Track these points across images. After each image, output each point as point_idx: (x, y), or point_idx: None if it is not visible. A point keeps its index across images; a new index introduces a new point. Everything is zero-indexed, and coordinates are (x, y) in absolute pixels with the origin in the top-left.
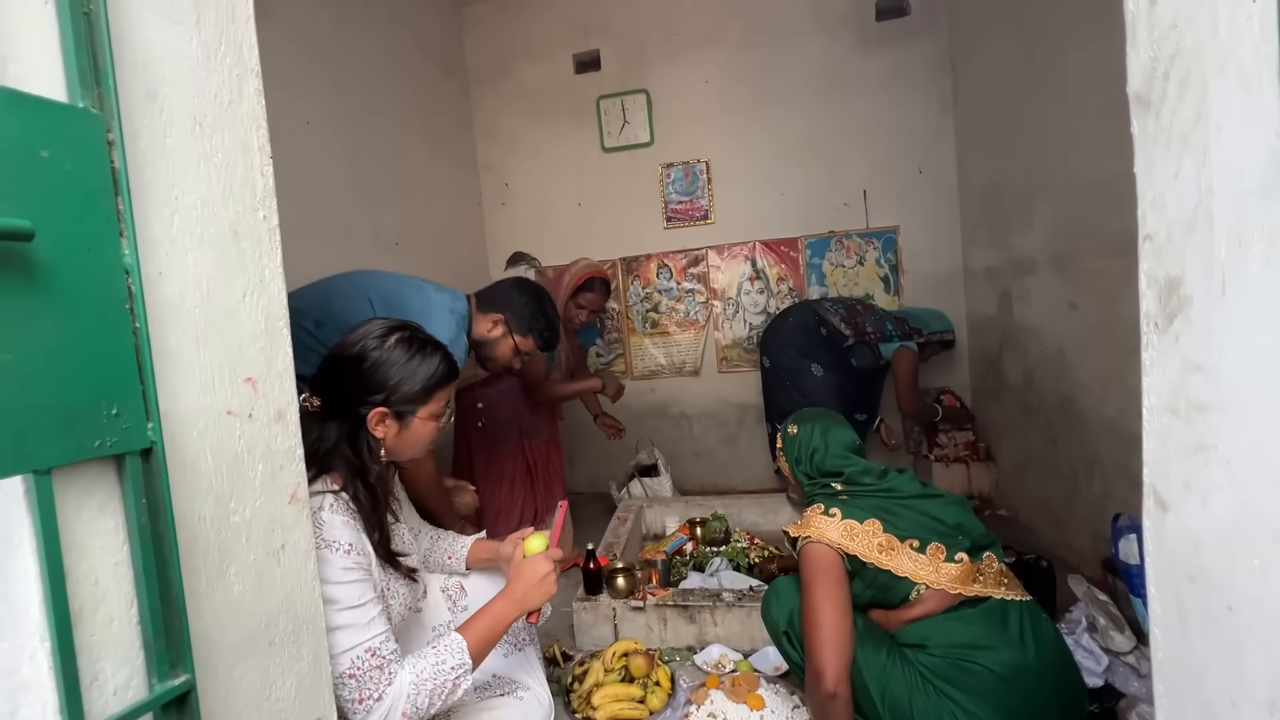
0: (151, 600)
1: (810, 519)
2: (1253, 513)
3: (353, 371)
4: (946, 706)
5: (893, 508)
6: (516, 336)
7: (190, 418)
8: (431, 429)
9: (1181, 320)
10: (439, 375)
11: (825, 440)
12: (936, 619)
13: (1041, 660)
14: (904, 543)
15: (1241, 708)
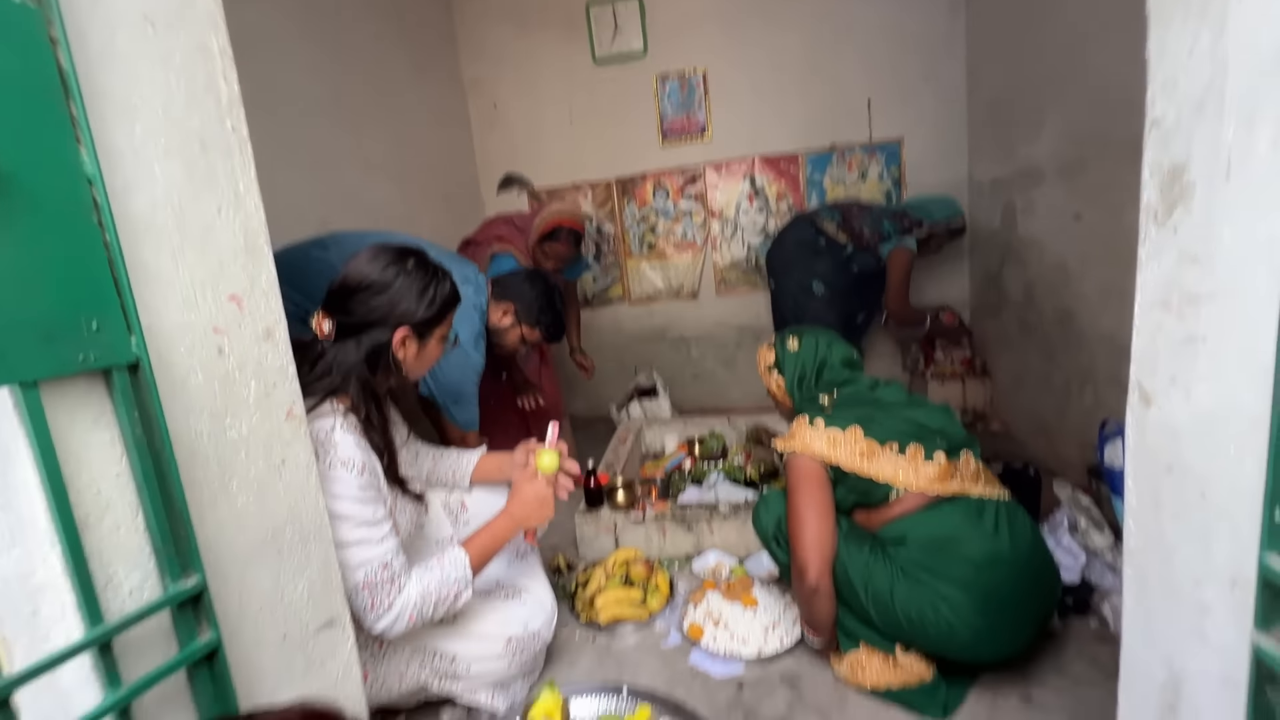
0: (156, 509)
1: (796, 432)
2: (1234, 402)
3: (375, 295)
4: (926, 594)
5: (875, 415)
6: (525, 327)
7: (176, 334)
8: (439, 351)
9: (1182, 210)
10: (451, 297)
11: (830, 353)
12: (915, 515)
13: (1015, 550)
14: (884, 446)
15: (1205, 585)
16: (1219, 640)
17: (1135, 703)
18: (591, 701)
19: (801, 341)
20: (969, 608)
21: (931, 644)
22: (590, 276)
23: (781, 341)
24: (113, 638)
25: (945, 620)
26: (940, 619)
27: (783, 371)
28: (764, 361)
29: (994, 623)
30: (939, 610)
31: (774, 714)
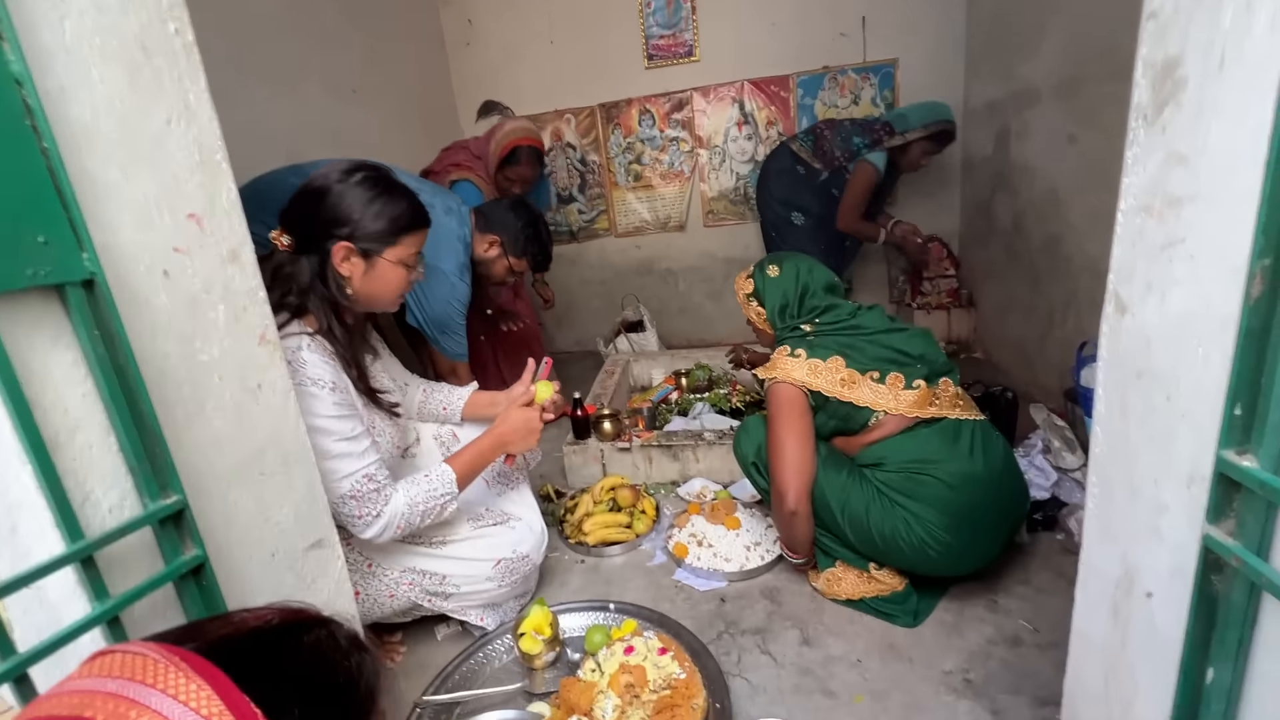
0: (127, 428)
1: (777, 361)
2: (1207, 303)
3: (318, 203)
4: (900, 514)
5: (857, 343)
6: (511, 258)
7: (134, 252)
8: (400, 276)
9: (1173, 108)
10: (406, 217)
11: (811, 279)
12: (893, 439)
13: (989, 470)
14: (865, 375)
15: (1163, 484)
16: (1173, 537)
17: (1091, 598)
18: (580, 616)
19: (782, 268)
20: (940, 526)
21: (905, 561)
22: (575, 209)
23: (760, 269)
24: (94, 552)
25: (918, 538)
26: (913, 536)
27: (763, 301)
28: (743, 290)
29: (964, 540)
30: (912, 529)
31: (754, 624)
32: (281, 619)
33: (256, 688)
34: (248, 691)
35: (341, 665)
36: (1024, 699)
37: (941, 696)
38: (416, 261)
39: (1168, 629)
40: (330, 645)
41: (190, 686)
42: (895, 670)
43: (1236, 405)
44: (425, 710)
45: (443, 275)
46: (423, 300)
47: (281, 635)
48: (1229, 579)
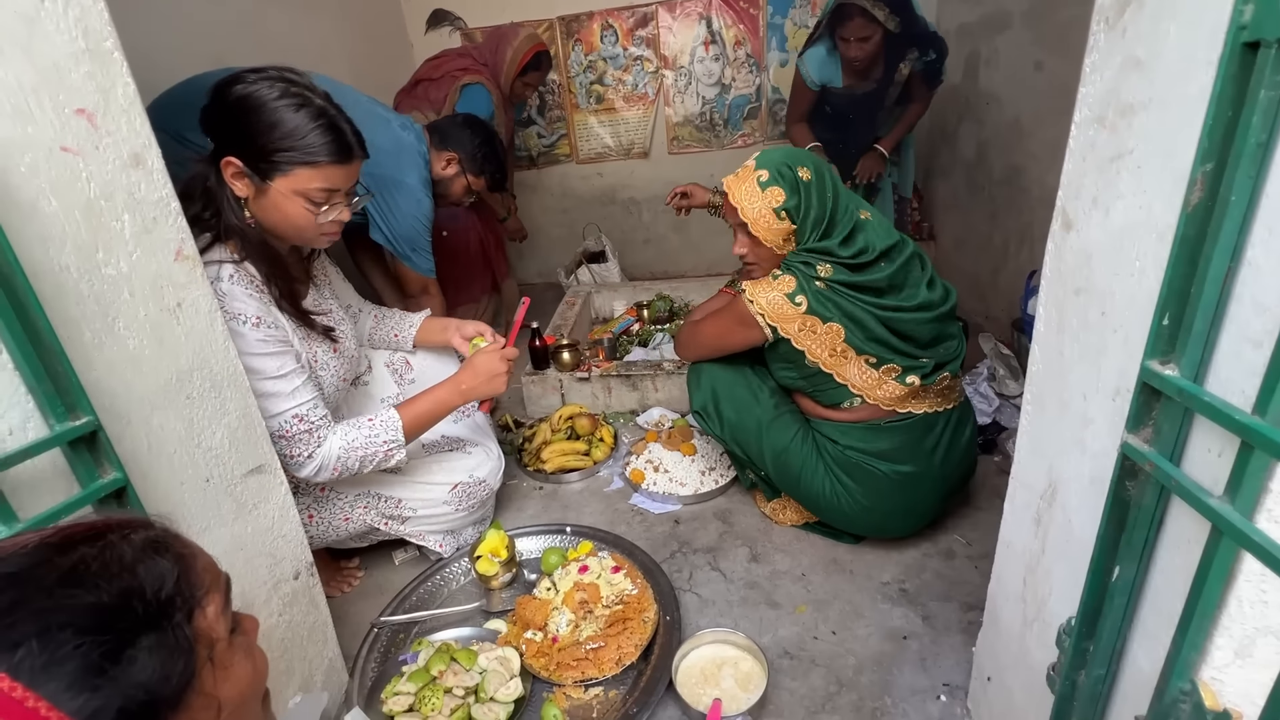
0: (20, 344)
1: (770, 289)
2: (1148, 215)
3: (214, 105)
4: (830, 483)
5: (865, 316)
6: (470, 176)
7: (9, 151)
8: (300, 213)
9: (1135, 7)
10: (309, 144)
11: (839, 188)
12: (858, 426)
13: (944, 468)
14: (860, 356)
15: (1091, 398)
16: (1095, 447)
17: (1017, 509)
18: (537, 540)
19: (812, 169)
20: (870, 508)
21: (819, 513)
22: (535, 133)
23: (786, 171)
24: None
25: (842, 507)
26: (839, 503)
27: (799, 215)
28: (764, 202)
29: (888, 522)
30: (840, 498)
31: (706, 544)
32: (41, 544)
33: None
34: None
35: (105, 582)
36: (953, 605)
37: (878, 605)
38: (328, 199)
39: (1082, 532)
40: (94, 567)
41: None
42: (836, 582)
43: (1165, 315)
44: (383, 630)
45: (408, 189)
46: (388, 216)
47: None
48: (1141, 484)
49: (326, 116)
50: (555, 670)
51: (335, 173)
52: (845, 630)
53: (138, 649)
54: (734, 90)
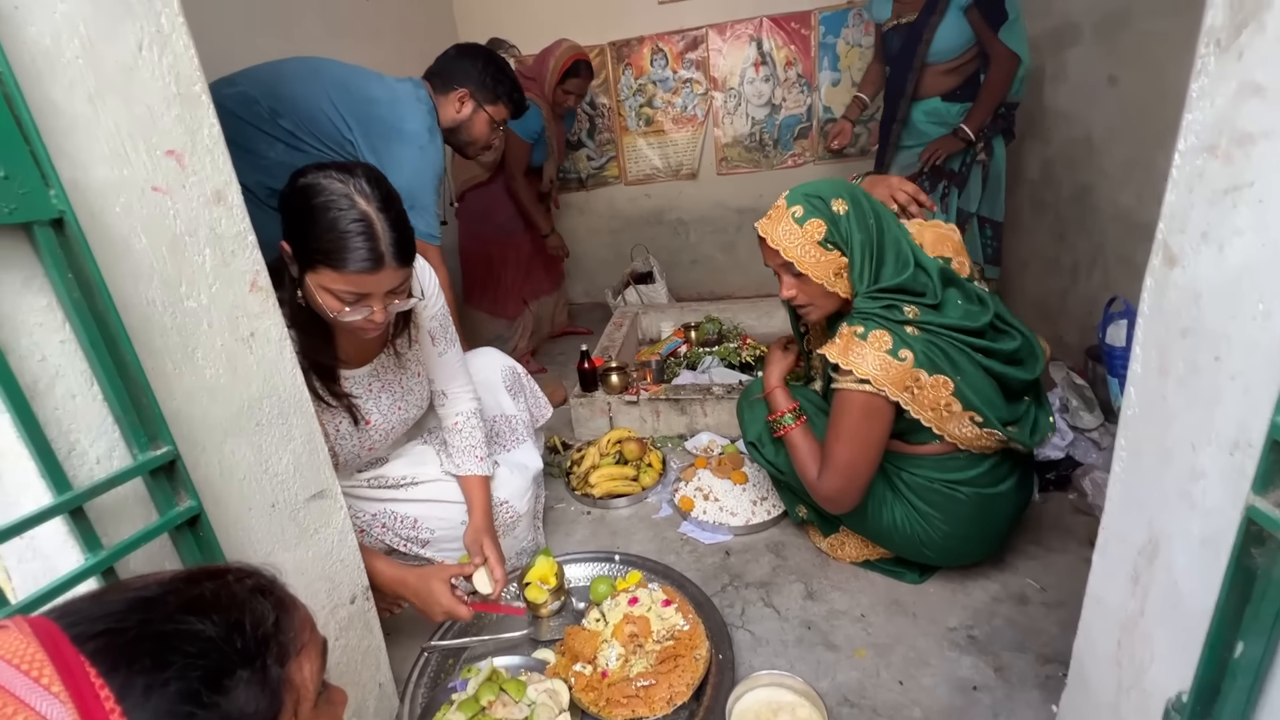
0: (110, 377)
1: (868, 353)
2: (1274, 253)
3: (286, 187)
4: (903, 510)
5: (966, 365)
6: (488, 107)
7: (107, 191)
8: (329, 306)
9: (1253, 29)
10: (336, 249)
11: (886, 218)
12: (938, 458)
13: (1015, 491)
14: (966, 412)
15: (1201, 449)
16: (1207, 504)
17: (1110, 563)
18: (585, 567)
19: (848, 201)
20: (951, 536)
21: (892, 547)
22: (584, 155)
23: (821, 202)
24: (83, 504)
25: (916, 534)
26: (913, 532)
27: (847, 247)
28: (805, 237)
29: (963, 546)
30: (913, 525)
31: (758, 578)
32: (173, 578)
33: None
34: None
35: (215, 616)
36: (1028, 656)
37: (945, 652)
38: (357, 301)
39: (1193, 597)
40: (210, 599)
41: (23, 647)
42: (899, 625)
43: None
44: (432, 655)
45: (408, 136)
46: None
47: (155, 597)
48: (1271, 553)
49: (366, 223)
50: (605, 707)
51: (364, 280)
52: (910, 678)
53: (234, 680)
54: (784, 110)
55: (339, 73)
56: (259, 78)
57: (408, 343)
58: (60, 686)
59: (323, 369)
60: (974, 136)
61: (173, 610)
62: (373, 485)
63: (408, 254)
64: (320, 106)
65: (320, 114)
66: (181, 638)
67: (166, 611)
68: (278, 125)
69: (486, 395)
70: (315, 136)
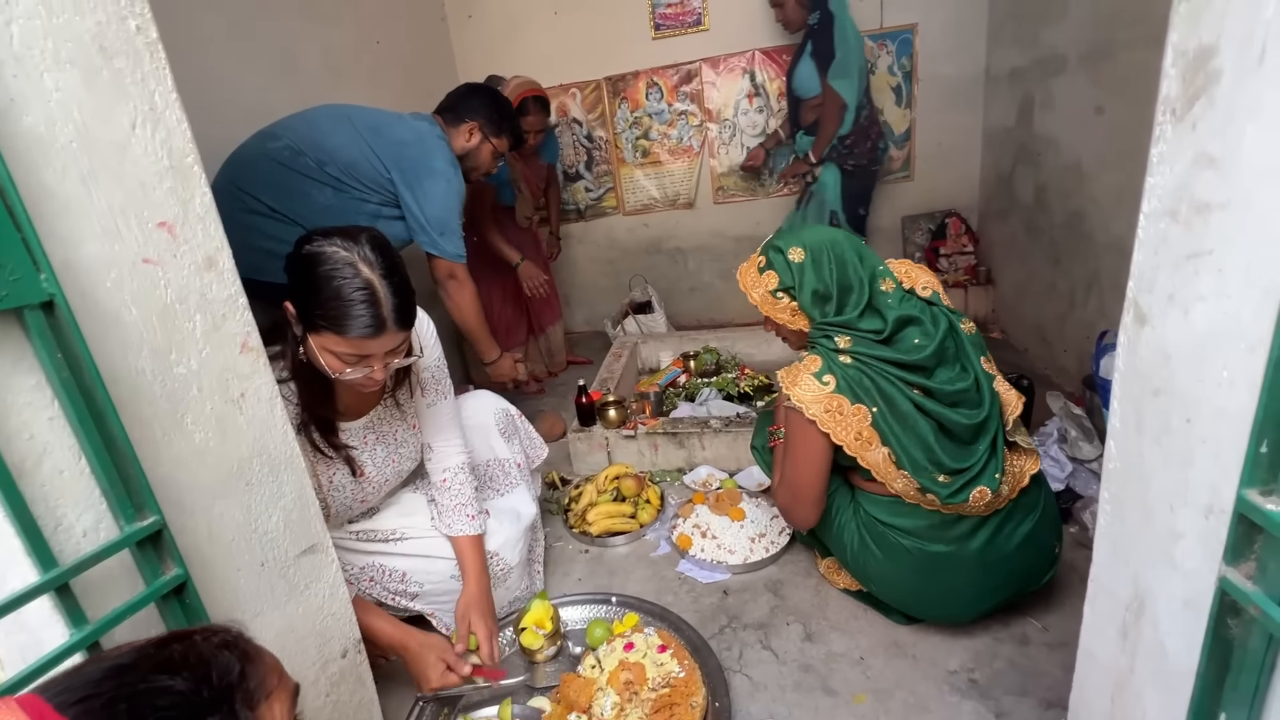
0: (98, 452)
1: (801, 375)
2: (1235, 322)
3: (293, 251)
4: (864, 552)
5: (895, 398)
6: (493, 139)
7: (98, 268)
8: (332, 365)
9: (1204, 103)
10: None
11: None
12: (885, 500)
13: (986, 556)
14: (883, 446)
15: (1179, 511)
16: (1187, 566)
17: (1099, 617)
18: (581, 609)
19: (806, 247)
20: (899, 584)
21: (879, 592)
22: (583, 187)
23: (775, 254)
24: (69, 580)
25: (870, 576)
26: (867, 573)
27: (795, 292)
28: (762, 288)
29: (924, 606)
30: (867, 565)
31: (757, 619)
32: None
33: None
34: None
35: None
36: (1030, 701)
37: (945, 697)
38: (359, 362)
39: (1179, 659)
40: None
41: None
42: (898, 669)
43: (1263, 442)
44: (427, 705)
45: (438, 173)
46: (422, 202)
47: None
48: (1246, 625)
49: (369, 290)
50: None
51: (365, 344)
52: None
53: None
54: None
55: (368, 119)
56: (300, 132)
57: (409, 393)
58: None
59: (322, 421)
60: (815, 161)
61: (145, 672)
62: (361, 538)
63: (409, 318)
64: (360, 152)
65: (361, 159)
66: (154, 694)
67: (139, 674)
68: (324, 173)
69: (478, 438)
70: (358, 180)
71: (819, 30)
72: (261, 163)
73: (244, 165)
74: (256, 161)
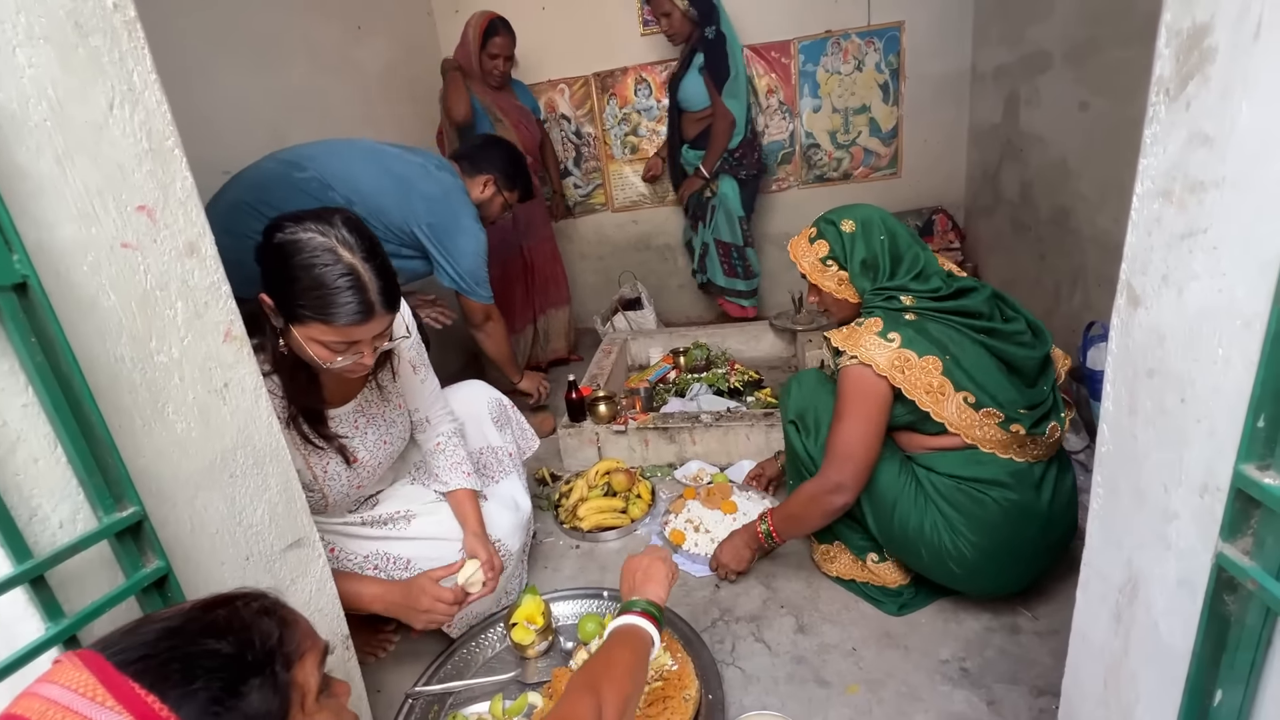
0: (74, 440)
1: (862, 336)
2: (1230, 299)
3: (264, 240)
4: (933, 517)
5: (964, 343)
6: (505, 193)
7: (74, 251)
8: (319, 355)
9: (1198, 81)
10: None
11: (895, 227)
12: (960, 454)
13: (1051, 509)
14: (958, 393)
15: (1173, 491)
16: (1181, 546)
17: (1092, 601)
18: (573, 604)
19: (857, 220)
20: (975, 546)
21: (919, 563)
22: (571, 184)
23: (830, 224)
24: (45, 572)
25: (944, 546)
26: (939, 543)
27: (845, 261)
28: (812, 256)
29: (994, 567)
30: (940, 535)
31: (749, 611)
32: (192, 607)
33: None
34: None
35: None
36: (1021, 689)
37: (938, 686)
38: (347, 349)
39: (1173, 640)
40: (223, 624)
41: (79, 676)
42: (890, 659)
43: (1260, 417)
44: (417, 701)
45: (466, 229)
46: (453, 259)
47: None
48: (1243, 601)
49: (354, 275)
50: None
51: (354, 330)
52: (902, 715)
53: (249, 687)
54: (767, 136)
55: (397, 167)
56: (330, 167)
57: (391, 375)
58: (114, 702)
59: (311, 412)
60: (708, 175)
61: (194, 635)
62: (366, 524)
63: (395, 299)
64: (391, 200)
65: (391, 207)
66: (203, 657)
67: (189, 636)
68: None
69: (471, 426)
70: (383, 223)
71: (713, 46)
72: (290, 191)
73: (269, 188)
74: (285, 188)
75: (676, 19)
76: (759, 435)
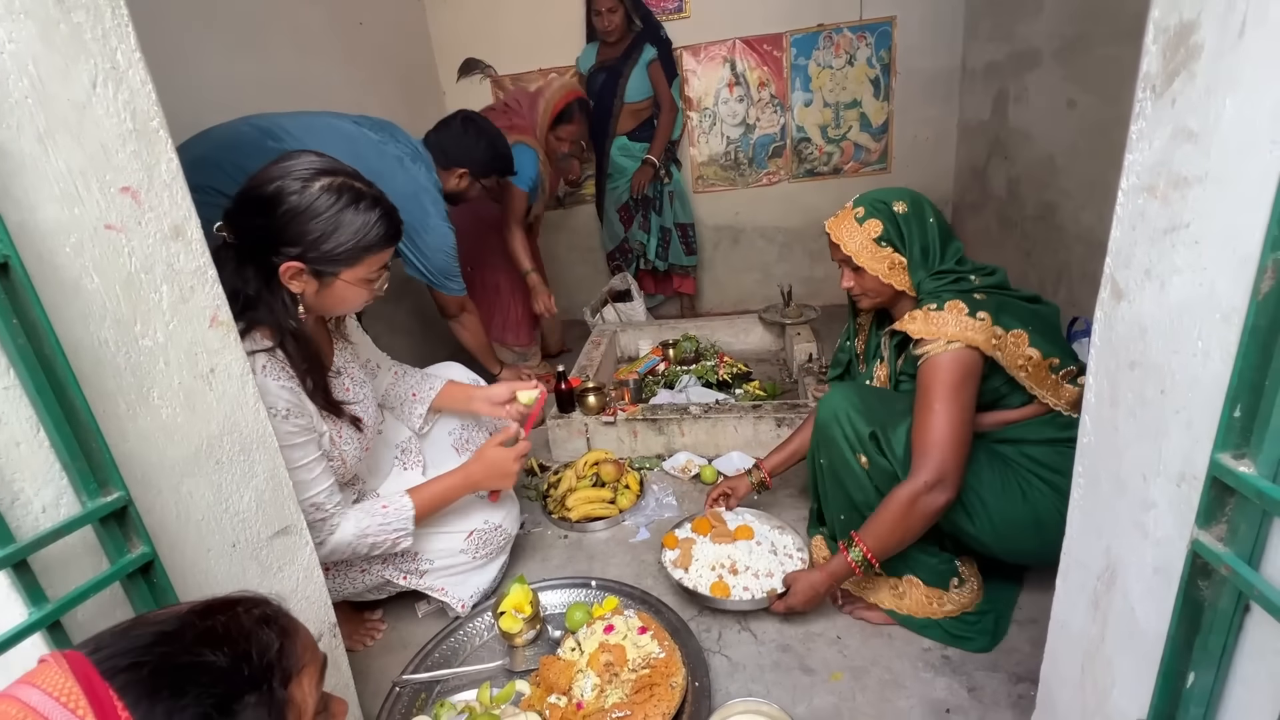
0: (57, 424)
1: (949, 320)
2: (1210, 293)
3: (265, 215)
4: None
5: (1028, 314)
6: (482, 180)
7: (57, 232)
8: (360, 294)
9: (1184, 78)
10: (372, 237)
11: (939, 215)
12: (1044, 419)
13: None
14: (1046, 360)
15: (1152, 481)
16: (1158, 534)
17: (1071, 589)
18: (561, 593)
19: (907, 202)
20: None
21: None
22: None
23: (882, 205)
24: (27, 556)
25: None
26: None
27: (902, 245)
28: (866, 235)
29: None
30: (1053, 506)
31: None
32: (190, 610)
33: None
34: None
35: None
36: (1000, 675)
37: (920, 673)
38: (377, 275)
39: (1148, 624)
40: (221, 632)
41: (62, 682)
42: (874, 647)
43: (1236, 407)
44: (405, 690)
45: (433, 228)
46: (422, 256)
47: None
48: (1217, 586)
49: (381, 205)
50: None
51: (388, 251)
52: (885, 702)
53: (242, 705)
54: (759, 130)
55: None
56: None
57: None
58: (93, 717)
59: (321, 382)
60: (658, 163)
61: (189, 643)
62: None
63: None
64: None
65: None
66: (197, 669)
67: (184, 645)
68: None
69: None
70: None
71: (665, 44)
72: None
73: (241, 150)
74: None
75: (619, 15)
76: (747, 427)
